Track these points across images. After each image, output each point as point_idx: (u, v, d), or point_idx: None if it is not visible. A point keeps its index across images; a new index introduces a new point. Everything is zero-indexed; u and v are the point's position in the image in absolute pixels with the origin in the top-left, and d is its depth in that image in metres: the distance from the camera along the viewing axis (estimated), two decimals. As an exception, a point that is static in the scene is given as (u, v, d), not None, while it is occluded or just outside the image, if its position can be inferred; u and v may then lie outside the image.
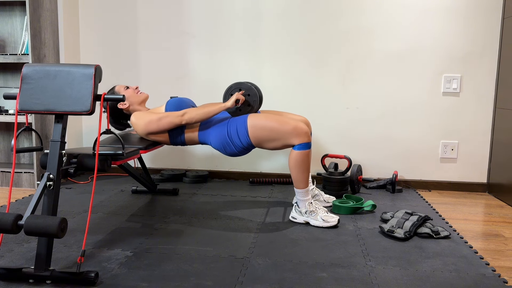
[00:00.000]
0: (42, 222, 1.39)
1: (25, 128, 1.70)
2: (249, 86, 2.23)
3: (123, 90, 2.36)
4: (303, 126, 2.11)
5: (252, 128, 2.13)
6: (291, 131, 2.09)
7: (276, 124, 2.11)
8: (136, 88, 2.39)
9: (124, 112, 2.38)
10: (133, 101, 2.35)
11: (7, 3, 3.06)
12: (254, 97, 2.23)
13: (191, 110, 2.17)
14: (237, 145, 2.17)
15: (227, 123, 2.19)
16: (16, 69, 3.12)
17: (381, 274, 1.64)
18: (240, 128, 2.15)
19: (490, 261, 1.80)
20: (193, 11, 3.11)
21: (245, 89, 2.24)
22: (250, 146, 2.18)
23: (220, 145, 2.20)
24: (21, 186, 2.92)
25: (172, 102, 2.30)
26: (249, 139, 2.14)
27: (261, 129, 2.12)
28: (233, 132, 2.16)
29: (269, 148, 2.18)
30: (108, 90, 2.42)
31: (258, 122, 2.13)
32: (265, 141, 2.14)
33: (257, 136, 2.13)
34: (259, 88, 2.29)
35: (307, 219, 2.18)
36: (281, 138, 2.11)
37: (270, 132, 2.11)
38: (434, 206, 2.61)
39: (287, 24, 3.03)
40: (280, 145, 2.14)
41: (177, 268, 1.66)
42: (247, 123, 2.14)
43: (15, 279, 1.54)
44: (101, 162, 1.76)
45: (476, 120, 2.96)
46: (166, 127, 2.19)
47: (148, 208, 2.44)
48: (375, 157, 3.07)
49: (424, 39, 2.93)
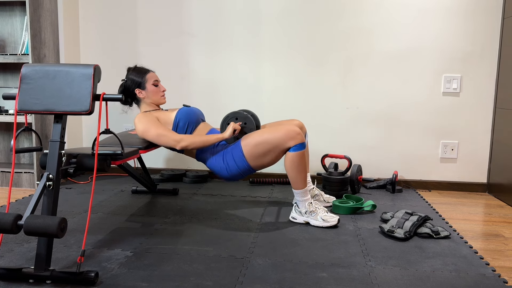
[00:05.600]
0: (42, 222, 1.39)
1: (25, 128, 1.70)
2: (246, 115, 2.26)
3: (151, 82, 2.35)
4: (295, 128, 2.11)
5: (246, 147, 2.13)
6: (285, 136, 2.09)
7: (267, 135, 2.11)
8: (163, 91, 2.40)
9: (136, 96, 2.37)
10: (151, 98, 2.36)
11: (7, 3, 3.06)
12: (250, 125, 2.27)
13: (188, 138, 2.17)
14: (232, 171, 2.18)
15: (223, 152, 2.21)
16: (16, 69, 3.12)
17: (381, 274, 1.64)
18: (235, 152, 2.16)
19: (490, 261, 1.80)
20: (193, 11, 3.11)
21: (241, 118, 2.27)
22: (247, 169, 2.17)
23: (218, 170, 2.22)
24: (21, 186, 2.92)
25: (183, 112, 2.31)
26: (246, 161, 2.14)
27: (255, 146, 2.12)
28: (229, 158, 2.17)
29: (270, 163, 2.16)
30: (140, 68, 2.39)
31: (251, 139, 2.14)
32: (262, 155, 2.13)
33: (253, 153, 2.13)
34: (255, 115, 2.32)
35: (307, 219, 2.18)
36: (277, 146, 2.10)
37: (265, 144, 2.11)
38: (434, 206, 2.61)
39: (287, 24, 3.03)
40: (278, 153, 2.12)
41: (177, 268, 1.66)
42: (241, 145, 2.15)
43: (15, 279, 1.54)
44: (100, 162, 1.76)
45: (476, 120, 2.96)
46: (161, 144, 2.21)
47: (148, 208, 2.43)
48: (375, 157, 3.07)
49: (424, 39, 2.93)
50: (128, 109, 2.54)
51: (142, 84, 2.34)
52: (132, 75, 2.36)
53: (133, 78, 2.35)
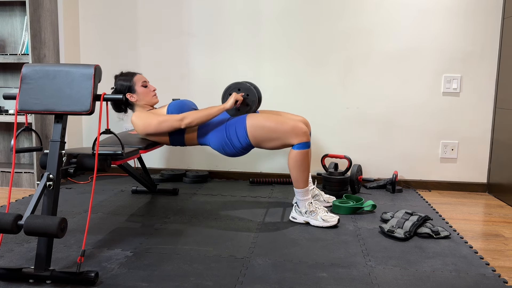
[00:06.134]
0: (42, 222, 1.39)
1: (25, 128, 1.70)
2: (248, 86, 2.23)
3: (140, 84, 2.33)
4: (302, 125, 2.11)
5: (251, 128, 2.13)
6: (290, 131, 2.10)
7: (274, 124, 2.11)
8: (154, 91, 2.38)
9: (129, 101, 2.37)
10: (143, 99, 2.34)
11: (7, 3, 3.06)
12: (253, 97, 2.23)
13: (190, 113, 2.17)
14: (236, 146, 2.18)
15: (226, 125, 2.20)
16: (16, 69, 3.12)
17: (381, 274, 1.64)
18: (239, 129, 2.15)
19: (490, 261, 1.80)
20: (193, 11, 3.11)
21: (243, 89, 2.23)
22: (249, 146, 2.18)
23: (219, 146, 2.21)
24: (21, 186, 2.92)
25: (174, 105, 2.30)
26: (248, 139, 2.15)
27: (260, 129, 2.12)
28: (232, 133, 2.16)
29: (268, 148, 2.18)
30: (126, 73, 2.38)
31: (257, 122, 2.13)
32: (264, 141, 2.14)
33: (256, 136, 2.14)
34: (258, 87, 2.29)
35: (307, 219, 2.18)
36: (280, 138, 2.11)
37: (269, 132, 2.11)
38: (434, 206, 2.61)
39: (287, 24, 3.03)
40: (279, 144, 2.14)
41: (177, 268, 1.66)
42: (246, 123, 2.14)
43: (15, 279, 1.54)
44: (100, 162, 1.76)
45: (476, 120, 2.96)
46: (165, 130, 2.20)
47: (148, 208, 2.43)
48: (375, 157, 3.07)
49: (424, 39, 2.93)
50: (123, 115, 2.56)
51: (131, 87, 2.32)
52: (120, 81, 2.34)
53: (121, 83, 2.33)
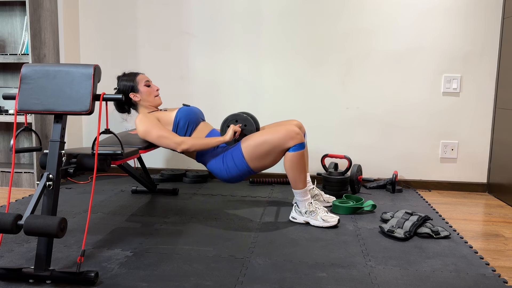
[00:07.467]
0: (41, 222, 1.39)
1: (25, 128, 1.70)
2: (245, 117, 2.26)
3: (143, 84, 2.35)
4: (294, 128, 2.11)
5: (246, 149, 2.13)
6: (284, 136, 2.09)
7: (267, 135, 2.11)
8: (157, 90, 2.39)
9: (132, 101, 2.37)
10: (146, 99, 2.35)
11: (7, 3, 3.06)
12: (250, 127, 2.26)
13: (189, 140, 2.16)
14: (233, 172, 2.17)
15: (223, 154, 2.20)
16: (16, 69, 3.12)
17: (381, 274, 1.64)
18: (235, 154, 2.15)
19: (490, 261, 1.80)
20: (193, 11, 3.11)
21: (241, 120, 2.26)
22: (246, 170, 2.16)
23: (217, 171, 2.22)
24: (21, 186, 2.92)
25: (183, 111, 2.31)
26: (245, 162, 2.14)
27: (255, 147, 2.12)
28: (229, 160, 2.17)
29: (269, 164, 2.15)
30: (129, 73, 2.39)
31: (251, 141, 2.14)
32: (262, 156, 2.12)
33: (253, 155, 2.12)
34: (255, 117, 2.32)
35: (307, 219, 2.18)
36: (276, 146, 2.10)
37: (264, 145, 2.10)
38: (434, 206, 2.61)
39: (287, 24, 3.03)
40: (277, 154, 2.12)
41: (177, 268, 1.66)
42: (241, 146, 2.15)
43: (15, 279, 1.54)
44: (100, 162, 1.76)
45: (476, 120, 2.96)
46: (162, 146, 2.21)
47: (148, 208, 2.43)
48: (375, 157, 3.07)
49: (424, 39, 2.93)
50: (127, 116, 2.56)
51: (134, 87, 2.33)
52: (123, 81, 2.35)
53: (124, 83, 2.34)
